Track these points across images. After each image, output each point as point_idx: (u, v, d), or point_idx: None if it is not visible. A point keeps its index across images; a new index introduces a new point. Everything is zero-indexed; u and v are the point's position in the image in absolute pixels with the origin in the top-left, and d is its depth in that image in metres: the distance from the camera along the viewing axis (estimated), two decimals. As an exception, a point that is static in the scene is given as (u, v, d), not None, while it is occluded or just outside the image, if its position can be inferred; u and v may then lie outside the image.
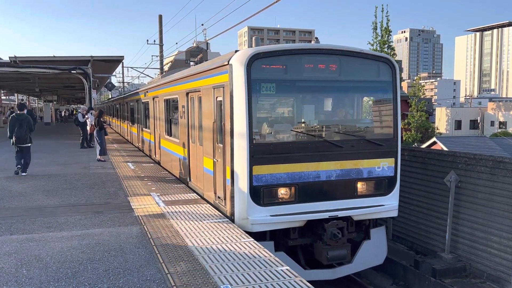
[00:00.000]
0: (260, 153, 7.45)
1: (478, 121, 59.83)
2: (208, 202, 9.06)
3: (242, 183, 7.45)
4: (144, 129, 18.83)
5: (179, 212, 8.34)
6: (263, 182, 7.45)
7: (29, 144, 12.83)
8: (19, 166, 12.79)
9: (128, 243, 6.56)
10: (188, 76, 10.60)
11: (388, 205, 8.32)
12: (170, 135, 13.15)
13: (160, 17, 34.65)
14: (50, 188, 10.94)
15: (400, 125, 8.49)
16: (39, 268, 5.63)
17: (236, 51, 7.75)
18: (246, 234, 6.90)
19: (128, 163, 15.52)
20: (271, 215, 7.49)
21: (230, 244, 6.38)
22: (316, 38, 8.66)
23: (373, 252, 8.57)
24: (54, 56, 22.98)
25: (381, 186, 8.29)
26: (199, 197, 9.71)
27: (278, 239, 7.84)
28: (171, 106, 13.06)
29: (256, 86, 7.43)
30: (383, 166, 8.23)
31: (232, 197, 7.68)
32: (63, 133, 31.39)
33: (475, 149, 24.79)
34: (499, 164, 8.66)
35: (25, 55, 29.38)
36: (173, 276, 5.26)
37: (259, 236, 7.28)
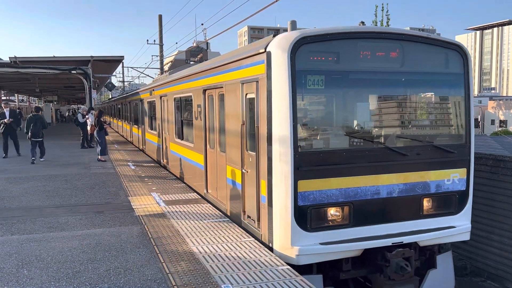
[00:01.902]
0: (307, 164, 5.91)
1: (479, 120, 59.83)
2: (231, 219, 7.72)
3: (284, 202, 5.92)
4: (149, 131, 17.34)
5: (180, 211, 8.34)
6: (310, 201, 5.94)
7: (42, 139, 16.13)
8: (33, 158, 15.69)
9: (128, 243, 6.56)
10: (206, 70, 9.05)
11: (460, 226, 6.78)
12: (182, 139, 11.76)
13: (160, 17, 34.65)
14: (50, 188, 10.95)
15: (473, 128, 7.03)
16: (40, 268, 5.63)
17: (274, 35, 6.31)
18: (247, 234, 6.90)
19: (128, 163, 15.52)
20: (320, 243, 5.97)
21: (231, 244, 6.39)
22: (362, 22, 7.22)
23: (440, 284, 6.99)
24: (54, 57, 22.99)
25: (451, 203, 6.80)
26: (199, 197, 9.70)
27: (326, 271, 6.36)
28: (183, 105, 11.66)
29: (302, 79, 5.95)
30: (453, 178, 6.78)
31: (269, 219, 6.24)
32: (63, 133, 31.41)
33: (476, 148, 24.74)
34: (499, 163, 8.66)
35: (25, 56, 29.34)
36: (174, 275, 5.26)
37: (303, 268, 5.95)
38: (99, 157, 16.18)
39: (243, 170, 7.10)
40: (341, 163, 6.09)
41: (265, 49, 6.16)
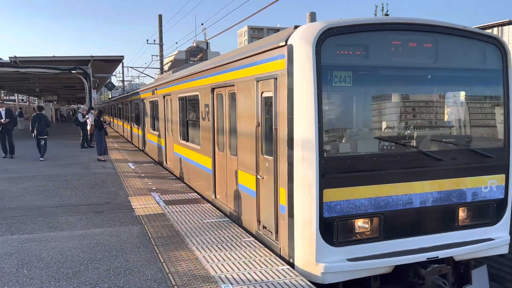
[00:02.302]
0: (333, 171, 5.30)
1: None
2: (245, 229, 7.14)
3: (308, 214, 5.31)
4: (151, 131, 16.68)
5: (180, 211, 8.34)
6: (337, 212, 5.36)
7: (46, 136, 16.87)
8: (41, 156, 16.73)
9: (128, 243, 6.57)
10: (215, 68, 8.41)
11: (498, 238, 6.17)
12: (187, 140, 11.17)
13: (160, 16, 34.67)
14: (50, 188, 10.96)
15: None
16: (40, 268, 5.63)
17: (296, 26, 5.66)
18: (247, 234, 6.90)
19: (128, 163, 15.53)
20: (348, 259, 5.37)
21: (231, 244, 6.39)
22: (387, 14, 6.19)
23: None
24: (54, 56, 23.00)
25: (488, 212, 6.19)
26: (199, 197, 9.71)
27: None
28: (188, 105, 11.11)
29: (327, 75, 5.34)
30: (491, 185, 6.16)
31: (290, 231, 5.62)
32: (63, 133, 31.41)
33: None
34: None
35: (25, 55, 29.38)
36: (174, 275, 5.26)
37: (328, 286, 5.43)
38: (99, 156, 16.19)
39: (258, 176, 6.52)
40: (371, 169, 5.48)
41: (286, 41, 5.51)
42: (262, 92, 6.34)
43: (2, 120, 16.68)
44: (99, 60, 22.98)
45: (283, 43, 5.59)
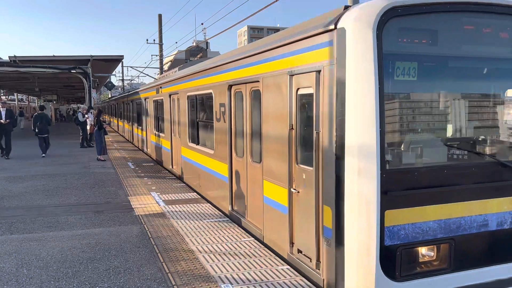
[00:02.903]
0: (397, 186, 4.31)
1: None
2: (271, 249, 6.21)
3: (364, 240, 4.31)
4: (156, 133, 15.65)
5: (179, 211, 8.34)
6: (401, 238, 4.38)
7: (47, 135, 17.72)
8: (43, 154, 17.45)
9: (128, 243, 6.56)
10: (233, 62, 7.41)
11: None
12: (197, 143, 10.12)
13: (160, 16, 34.67)
14: (50, 187, 10.95)
15: None
16: (39, 267, 5.63)
17: (346, 7, 4.67)
18: (246, 233, 6.90)
19: (128, 163, 15.52)
20: None
21: (231, 243, 6.39)
22: None
23: None
24: (53, 56, 22.98)
25: None
26: (199, 196, 9.70)
27: None
28: (198, 104, 10.05)
29: (389, 67, 4.36)
30: None
31: (338, 261, 4.64)
32: (63, 132, 31.40)
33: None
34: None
35: (25, 55, 29.36)
36: (174, 275, 5.26)
37: None
38: (99, 156, 16.19)
39: (292, 189, 5.49)
40: (441, 184, 4.47)
41: (335, 25, 4.47)
42: (298, 89, 5.31)
43: (2, 121, 16.61)
44: (98, 59, 22.96)
45: (331, 27, 4.51)
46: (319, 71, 4.83)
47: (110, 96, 57.63)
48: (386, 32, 4.25)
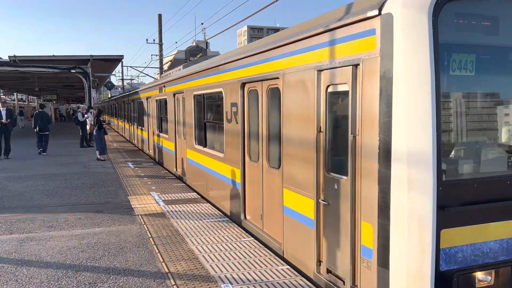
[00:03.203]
0: (456, 201, 3.71)
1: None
2: (291, 265, 5.59)
3: (415, 264, 3.64)
4: (159, 134, 15.02)
5: (179, 211, 8.34)
6: (458, 262, 3.79)
7: (47, 133, 18.32)
8: (41, 149, 18.03)
9: (128, 243, 6.56)
10: (247, 57, 6.79)
11: None
12: (204, 146, 9.52)
13: (160, 16, 34.66)
14: (50, 187, 10.94)
15: None
16: (39, 267, 5.62)
17: None
18: (246, 233, 6.89)
19: (128, 163, 15.52)
20: None
21: (230, 243, 6.38)
22: None
23: None
24: (53, 56, 22.97)
25: None
26: (199, 196, 9.68)
27: None
28: (206, 104, 9.46)
29: (444, 59, 3.74)
30: None
31: (381, 286, 3.95)
32: (62, 132, 31.39)
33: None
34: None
35: (25, 54, 29.35)
36: (174, 275, 5.26)
37: None
38: (98, 156, 16.18)
39: (320, 201, 4.82)
40: (505, 197, 3.87)
41: (380, 10, 3.80)
42: (328, 86, 4.61)
43: (3, 121, 16.51)
44: (98, 59, 22.95)
45: (373, 13, 3.86)
46: (356, 65, 4.16)
47: (110, 96, 57.61)
48: (442, 18, 3.60)
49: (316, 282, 5.00)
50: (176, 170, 12.47)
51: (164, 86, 13.71)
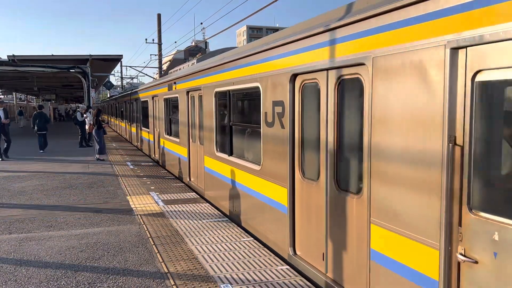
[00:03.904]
0: None
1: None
2: None
3: None
4: (169, 137, 13.41)
5: (178, 211, 8.33)
6: None
7: (45, 132, 19.00)
8: (40, 147, 18.72)
9: (127, 242, 6.55)
10: (304, 39, 5.09)
11: None
12: (230, 154, 7.88)
13: (159, 16, 34.64)
14: (49, 187, 10.93)
15: None
16: (38, 267, 5.61)
17: None
18: (246, 233, 6.88)
19: (127, 163, 15.50)
20: None
21: (230, 243, 6.37)
22: None
23: None
24: (52, 55, 22.96)
25: None
26: (198, 196, 9.67)
27: None
28: (233, 103, 7.84)
29: None
30: None
31: None
32: (61, 132, 31.34)
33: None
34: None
35: (24, 54, 29.32)
36: (173, 275, 5.25)
37: None
38: (98, 156, 16.16)
39: (459, 256, 3.10)
40: None
41: None
42: (477, 73, 2.97)
43: (4, 121, 16.33)
44: (97, 59, 22.94)
45: None
46: None
47: (108, 95, 57.53)
48: None
49: None
50: (190, 179, 10.97)
51: (174, 83, 12.10)
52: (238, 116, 7.77)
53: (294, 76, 5.41)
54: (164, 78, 14.53)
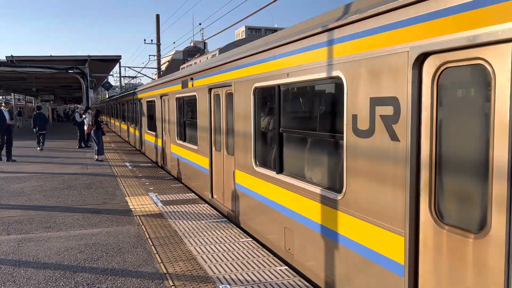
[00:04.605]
0: None
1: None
2: None
3: None
4: (183, 143, 11.31)
5: (177, 211, 8.33)
6: None
7: (45, 131, 20.37)
8: (40, 145, 20.22)
9: (126, 243, 6.55)
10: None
11: None
12: (279, 171, 5.94)
13: (158, 16, 34.64)
14: (47, 188, 10.92)
15: None
16: (37, 268, 5.61)
17: None
18: (245, 234, 6.88)
19: (126, 163, 15.49)
20: None
21: (229, 244, 6.38)
22: None
23: None
24: (51, 56, 22.95)
25: None
26: (197, 197, 9.67)
27: None
28: (282, 103, 5.88)
29: None
30: None
31: None
32: (60, 133, 31.31)
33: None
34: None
35: (22, 55, 29.30)
36: (172, 276, 5.25)
37: None
38: (96, 157, 16.15)
39: None
40: None
41: None
42: None
43: (9, 122, 16.08)
44: (96, 59, 22.95)
45: None
46: None
47: (107, 96, 57.45)
48: None
49: None
50: (213, 196, 9.05)
51: (191, 79, 10.14)
52: (293, 119, 5.78)
53: (425, 55, 3.33)
54: (175, 74, 12.57)
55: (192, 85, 10.07)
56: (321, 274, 4.87)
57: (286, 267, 5.46)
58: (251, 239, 6.62)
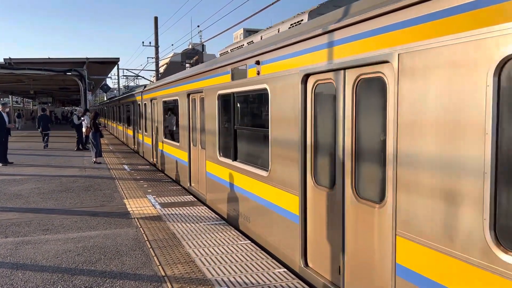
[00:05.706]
0: None
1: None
2: None
3: None
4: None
5: (176, 214, 8.31)
6: None
7: (49, 131, 22.36)
8: (45, 144, 22.03)
9: (124, 246, 6.53)
10: None
11: None
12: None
13: (156, 19, 34.67)
14: (45, 190, 10.89)
15: None
16: (34, 271, 5.58)
17: None
18: (243, 236, 6.88)
19: (124, 166, 15.47)
20: None
21: (227, 246, 6.37)
22: None
23: None
24: (49, 58, 22.92)
25: None
26: (196, 199, 9.66)
27: None
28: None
29: None
30: None
31: None
32: (58, 135, 31.26)
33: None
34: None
35: (20, 57, 29.25)
36: (170, 278, 5.23)
37: None
38: (94, 159, 16.12)
39: None
40: None
41: None
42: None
43: (10, 125, 15.87)
44: (94, 62, 22.92)
45: None
46: None
47: (105, 98, 57.36)
48: None
49: None
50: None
51: (257, 63, 6.36)
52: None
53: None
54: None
55: (259, 74, 7.08)
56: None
57: (285, 270, 5.46)
58: (249, 241, 6.62)
